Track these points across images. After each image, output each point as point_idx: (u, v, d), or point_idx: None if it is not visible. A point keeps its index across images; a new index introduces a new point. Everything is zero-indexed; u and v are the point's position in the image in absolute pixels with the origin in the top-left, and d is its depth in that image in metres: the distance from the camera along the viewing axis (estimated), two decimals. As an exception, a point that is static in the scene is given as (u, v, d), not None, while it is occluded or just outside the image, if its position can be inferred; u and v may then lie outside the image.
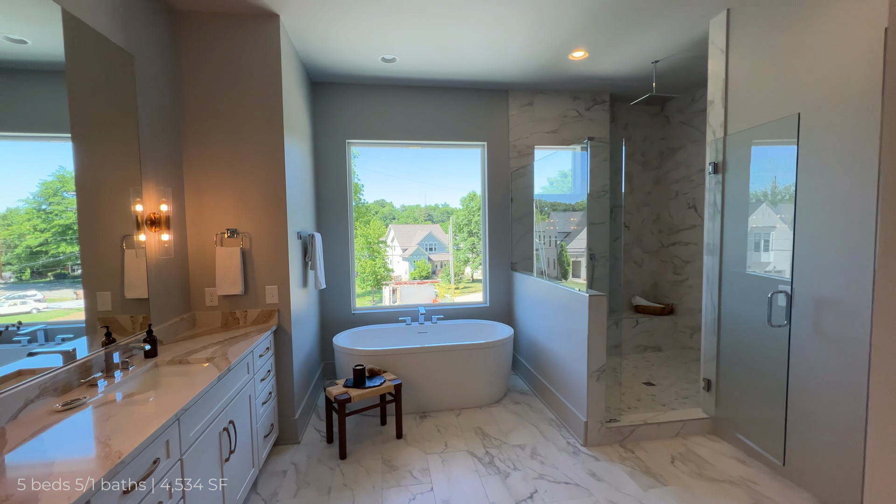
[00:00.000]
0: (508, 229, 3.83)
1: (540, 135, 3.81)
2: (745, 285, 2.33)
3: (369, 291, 4.14)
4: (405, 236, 4.47)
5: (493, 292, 3.84)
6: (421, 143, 3.73)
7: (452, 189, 4.13)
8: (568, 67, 3.27)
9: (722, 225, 2.49)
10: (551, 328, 2.94)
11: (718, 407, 2.53)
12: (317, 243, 2.96)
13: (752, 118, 2.27)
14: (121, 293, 1.84)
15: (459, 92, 3.68)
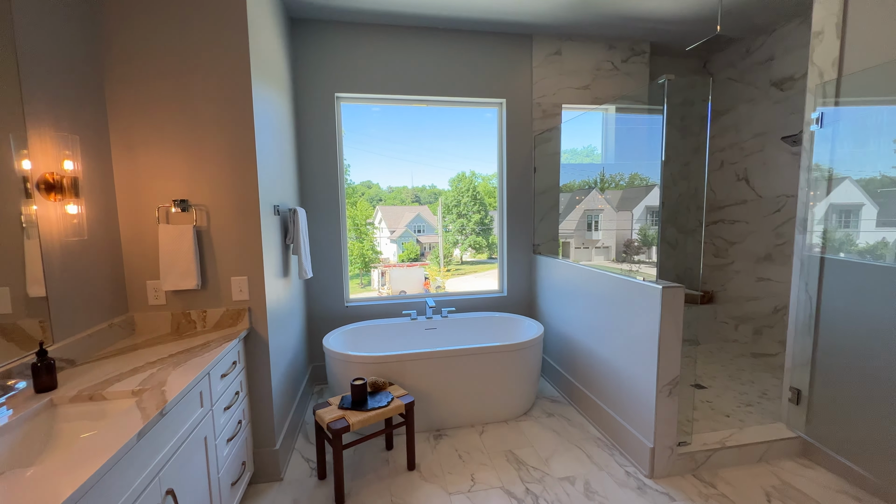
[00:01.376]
0: (531, 205, 3.22)
1: (569, 91, 3.17)
2: (863, 277, 1.79)
3: (357, 274, 3.92)
4: (393, 218, 4.19)
5: (513, 280, 3.26)
6: (425, 100, 3.06)
7: (440, 169, 3.79)
8: (612, 1, 2.62)
9: (828, 196, 1.94)
10: (594, 324, 2.38)
11: (811, 424, 2.02)
12: (300, 221, 2.31)
13: (883, 53, 1.69)
14: (23, 289, 1.23)
15: (473, 37, 3.00)
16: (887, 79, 1.70)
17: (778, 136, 2.98)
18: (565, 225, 3.25)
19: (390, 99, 3.00)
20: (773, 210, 3.06)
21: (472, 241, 4.65)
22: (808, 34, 2.79)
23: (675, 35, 3.12)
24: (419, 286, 4.69)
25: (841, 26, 1.84)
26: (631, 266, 3.44)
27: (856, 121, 1.82)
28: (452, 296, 3.24)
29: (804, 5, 2.72)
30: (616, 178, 3.35)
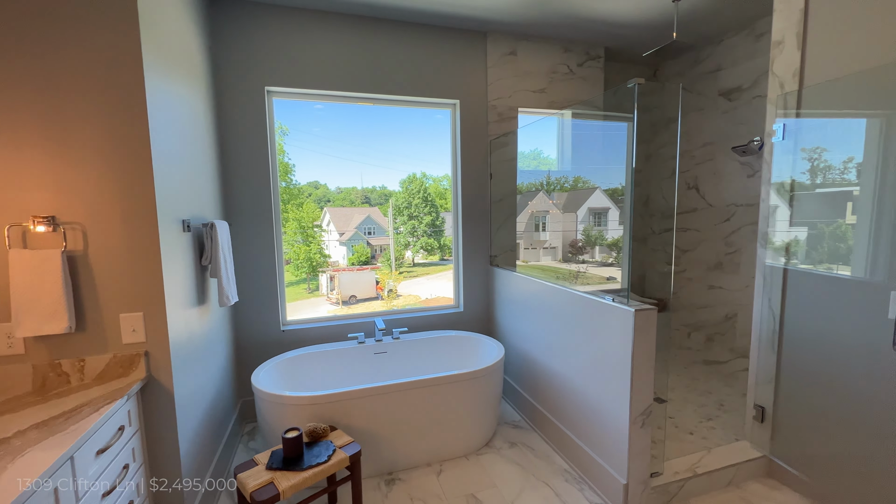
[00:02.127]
0: (487, 213, 3.02)
1: (525, 94, 3.01)
2: (829, 292, 1.75)
3: (304, 279, 3.79)
4: (342, 220, 4.01)
5: (469, 294, 3.04)
6: (372, 98, 2.76)
7: (391, 170, 3.73)
8: (570, 0, 2.48)
9: (791, 209, 1.89)
10: (558, 345, 2.21)
11: (776, 442, 1.98)
12: (220, 236, 1.93)
13: (845, 64, 1.65)
14: None
15: (425, 31, 2.75)
16: (850, 91, 1.66)
17: (727, 146, 3.01)
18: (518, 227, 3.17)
19: (332, 96, 2.67)
20: (723, 219, 3.09)
21: (423, 243, 4.46)
22: (753, 46, 2.83)
23: (630, 40, 3.06)
24: (370, 290, 4.40)
25: (802, 37, 1.80)
26: (578, 266, 3.53)
27: (823, 130, 1.78)
28: (404, 313, 2.95)
29: (751, 17, 2.74)
30: (561, 180, 3.43)
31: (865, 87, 1.61)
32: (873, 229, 1.59)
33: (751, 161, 2.87)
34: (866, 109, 1.63)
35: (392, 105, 2.86)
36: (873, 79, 1.57)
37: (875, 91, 1.58)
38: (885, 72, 1.53)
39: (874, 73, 1.56)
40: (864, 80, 1.60)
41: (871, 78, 1.57)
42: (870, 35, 1.58)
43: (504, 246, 3.05)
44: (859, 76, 1.61)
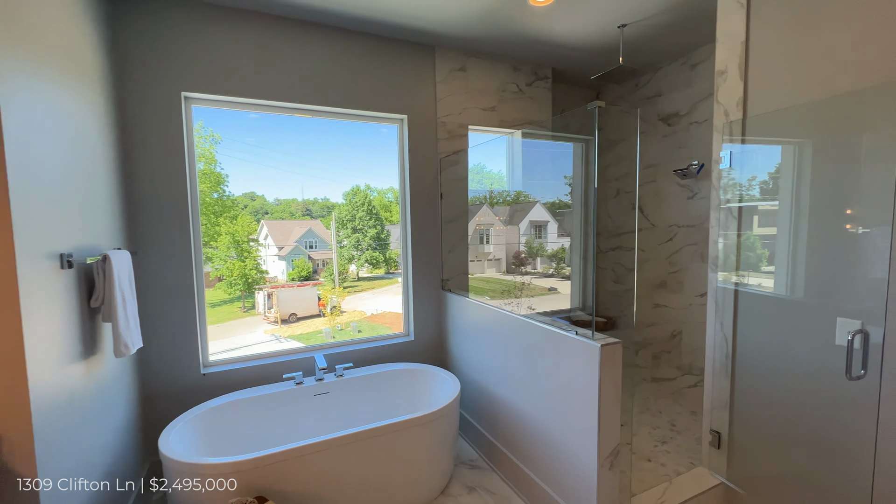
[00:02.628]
0: (438, 235, 2.86)
1: (475, 111, 2.91)
2: (778, 315, 1.78)
3: (238, 297, 3.57)
4: (281, 233, 3.81)
5: (420, 321, 2.84)
6: (312, 110, 2.51)
7: (333, 182, 3.53)
8: (520, 19, 2.42)
9: (739, 234, 1.92)
10: (518, 378, 2.07)
11: (732, 468, 1.97)
12: (116, 271, 1.57)
13: (786, 96, 1.70)
14: None
15: (371, 42, 2.56)
16: (789, 122, 1.71)
17: (667, 169, 3.11)
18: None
19: (266, 106, 2.38)
20: (666, 239, 3.18)
21: (368, 257, 4.24)
22: (689, 74, 2.96)
23: (577, 63, 3.08)
24: (312, 307, 4.15)
25: (744, 68, 1.85)
26: (523, 278, 3.61)
27: (767, 158, 1.82)
28: (349, 345, 2.68)
29: (686, 48, 2.87)
30: (504, 194, 3.54)
31: (798, 119, 1.66)
32: (792, 247, 1.63)
33: (690, 184, 2.98)
34: (797, 139, 1.68)
35: (336, 118, 2.62)
36: (802, 113, 1.62)
37: (807, 123, 1.64)
38: (812, 108, 1.59)
39: (803, 109, 1.62)
40: (797, 115, 1.65)
41: (802, 112, 1.63)
42: (804, 72, 1.63)
43: (456, 269, 2.90)
44: (794, 111, 1.66)
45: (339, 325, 4.40)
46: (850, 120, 1.53)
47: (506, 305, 3.61)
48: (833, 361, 1.59)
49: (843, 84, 1.52)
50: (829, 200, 1.60)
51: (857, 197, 1.52)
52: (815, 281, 1.65)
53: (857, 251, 1.51)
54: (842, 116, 1.55)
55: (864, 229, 1.49)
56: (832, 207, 1.59)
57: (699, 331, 2.96)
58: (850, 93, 1.50)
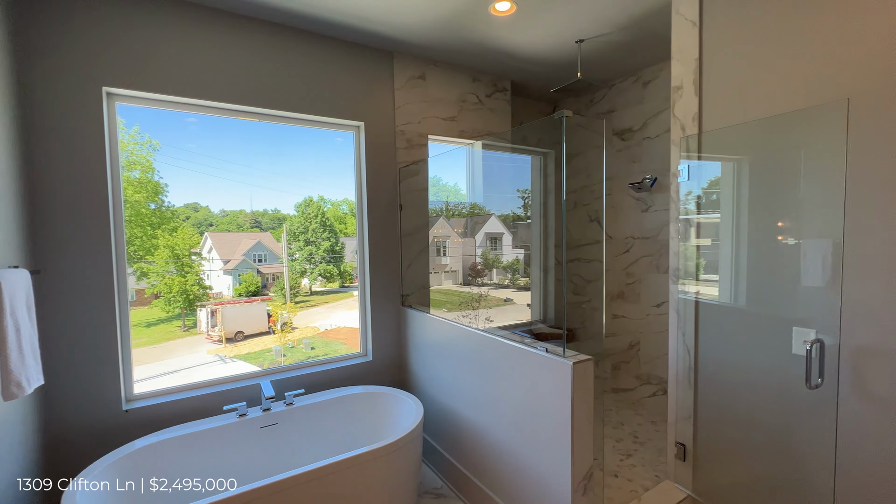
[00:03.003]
0: (397, 248, 2.72)
1: (435, 121, 2.83)
2: (736, 325, 1.81)
3: (178, 315, 3.36)
4: (227, 246, 3.63)
5: (379, 340, 2.66)
6: (258, 113, 2.31)
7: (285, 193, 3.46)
8: (480, 28, 2.38)
9: (698, 245, 1.95)
10: (484, 399, 1.96)
11: (697, 480, 1.96)
12: (8, 296, 1.29)
13: (738, 112, 1.76)
14: None
15: (326, 44, 2.41)
16: (743, 138, 1.76)
17: (622, 182, 3.19)
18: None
19: (204, 106, 2.15)
20: (623, 251, 3.24)
21: (322, 270, 4.06)
22: (641, 92, 3.06)
23: (535, 76, 3.10)
24: (261, 324, 3.93)
25: (698, 83, 1.90)
26: (481, 290, 3.61)
27: (721, 171, 1.87)
28: (300, 369, 2.45)
29: (637, 66, 2.97)
30: (459, 206, 3.58)
31: (748, 135, 1.72)
32: (735, 258, 1.67)
33: (644, 197, 3.06)
34: (744, 154, 1.74)
35: (284, 122, 2.43)
36: (751, 129, 1.68)
37: (755, 139, 1.70)
38: (759, 125, 1.65)
39: (752, 125, 1.68)
40: (746, 130, 1.71)
41: (750, 128, 1.69)
42: (753, 90, 1.69)
43: (417, 283, 2.77)
44: (743, 126, 1.71)
45: (290, 343, 4.15)
46: (793, 137, 1.59)
47: (463, 318, 3.59)
48: (791, 370, 1.62)
49: (791, 102, 1.58)
50: (772, 213, 1.65)
51: (799, 211, 1.57)
52: (771, 291, 1.69)
53: (813, 263, 1.55)
54: (788, 133, 1.61)
55: (803, 241, 1.54)
56: (777, 220, 1.64)
57: (657, 341, 3.02)
58: (795, 111, 1.56)
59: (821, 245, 1.53)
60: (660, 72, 2.90)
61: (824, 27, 1.49)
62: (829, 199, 1.50)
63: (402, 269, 2.73)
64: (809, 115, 1.53)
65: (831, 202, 1.49)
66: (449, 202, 3.58)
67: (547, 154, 3.71)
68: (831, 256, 1.49)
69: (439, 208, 3.45)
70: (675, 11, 1.97)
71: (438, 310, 3.43)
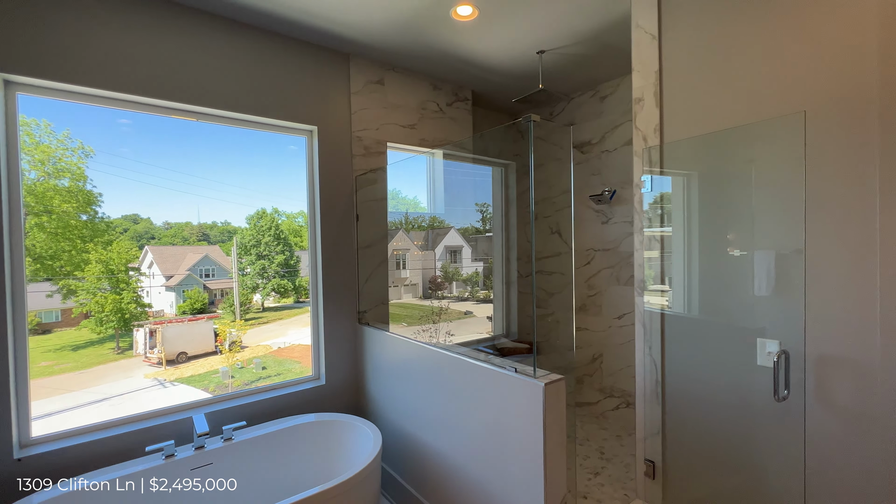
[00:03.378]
0: (353, 262, 2.53)
1: (394, 128, 2.70)
2: (701, 336, 1.79)
3: (111, 336, 3.10)
4: (170, 260, 3.42)
5: (333, 361, 2.45)
6: (202, 113, 2.08)
7: (236, 205, 3.20)
8: (441, 33, 2.30)
9: (662, 256, 1.93)
10: (449, 424, 1.82)
11: (668, 498, 1.91)
12: None
13: (699, 123, 1.77)
14: None
15: (276, 41, 2.23)
16: (702, 149, 1.77)
17: (582, 194, 3.20)
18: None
19: (135, 103, 1.90)
20: (584, 263, 3.24)
21: (275, 285, 3.82)
22: (599, 106, 3.11)
23: (497, 87, 3.07)
24: (206, 343, 3.58)
25: (659, 95, 1.91)
26: (441, 303, 3.56)
27: (685, 183, 1.87)
28: (243, 397, 2.18)
29: (594, 81, 3.02)
30: (419, 219, 3.52)
31: (710, 146, 1.74)
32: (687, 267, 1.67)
33: (604, 209, 3.08)
34: (700, 167, 1.75)
35: (225, 123, 2.20)
36: (712, 140, 1.70)
37: (716, 150, 1.72)
38: (721, 136, 1.67)
39: (709, 138, 1.70)
40: (708, 142, 1.72)
41: (711, 140, 1.70)
42: (711, 103, 1.71)
43: (375, 299, 2.59)
44: (705, 138, 1.73)
45: (239, 363, 3.86)
46: (753, 148, 1.61)
47: (423, 332, 3.46)
48: (757, 382, 1.60)
49: (749, 114, 1.60)
50: (730, 224, 1.66)
51: (759, 222, 1.59)
52: (733, 303, 1.69)
53: (774, 273, 1.56)
54: (748, 144, 1.63)
55: (764, 251, 1.55)
56: (737, 231, 1.65)
57: (619, 353, 3.01)
58: (755, 123, 1.58)
59: (782, 256, 1.53)
60: (617, 86, 2.96)
61: (779, 41, 1.52)
62: (789, 209, 1.51)
63: (359, 284, 2.54)
64: (770, 127, 1.55)
65: (790, 212, 1.51)
66: (409, 214, 3.53)
67: (508, 165, 3.69)
68: (792, 266, 1.50)
69: (399, 221, 3.38)
70: (635, 25, 1.98)
71: (398, 324, 3.29)
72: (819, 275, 1.44)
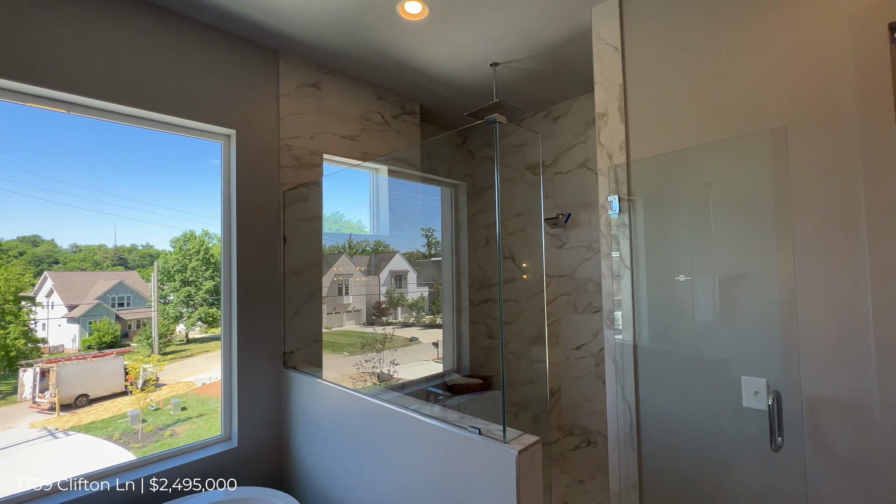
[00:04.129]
0: (279, 292, 2.11)
1: (332, 138, 2.37)
2: (679, 373, 1.60)
3: None
4: (75, 288, 3.03)
5: (249, 417, 1.97)
6: (84, 105, 1.61)
7: (160, 227, 2.84)
8: (386, 35, 2.05)
9: (633, 285, 1.74)
10: (394, 496, 1.44)
11: (647, 563, 1.66)
12: None
13: (669, 139, 1.64)
14: None
15: (189, 25, 1.84)
16: (674, 166, 1.64)
17: (536, 218, 3.04)
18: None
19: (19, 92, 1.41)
20: (539, 290, 3.05)
21: (202, 314, 3.37)
22: (552, 127, 3.00)
23: (447, 102, 2.86)
24: (114, 383, 3.15)
25: (624, 110, 1.77)
26: (385, 329, 3.37)
27: (658, 203, 1.71)
28: (123, 473, 1.64)
29: (547, 101, 2.92)
30: (363, 243, 3.31)
31: (680, 164, 1.61)
32: (716, 309, 1.51)
33: (559, 233, 2.93)
34: (677, 184, 1.62)
35: (115, 120, 1.75)
36: (680, 158, 1.57)
37: (685, 168, 1.59)
38: (687, 154, 1.55)
39: (680, 154, 1.57)
40: (676, 159, 1.60)
41: (679, 157, 1.58)
42: (683, 117, 1.60)
43: (306, 336, 2.17)
44: (672, 155, 1.60)
45: (153, 404, 3.30)
46: (729, 164, 1.50)
47: (366, 362, 3.09)
48: (745, 427, 1.43)
49: (722, 131, 1.49)
50: (708, 248, 1.52)
51: (739, 245, 1.45)
52: (711, 336, 1.53)
53: (757, 303, 1.41)
54: (722, 161, 1.51)
55: (744, 277, 1.41)
56: (716, 255, 1.51)
57: (578, 387, 2.81)
58: (733, 138, 1.47)
59: (762, 281, 1.39)
60: (569, 107, 2.87)
61: (749, 53, 1.43)
62: (766, 231, 1.38)
63: (285, 319, 2.12)
64: (749, 143, 1.43)
65: (770, 234, 1.38)
66: (353, 238, 3.29)
67: (458, 186, 3.47)
68: (775, 294, 1.36)
69: (342, 245, 3.16)
70: (596, 36, 1.86)
71: (339, 354, 2.96)
72: (805, 303, 1.30)
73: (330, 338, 3.04)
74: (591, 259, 2.74)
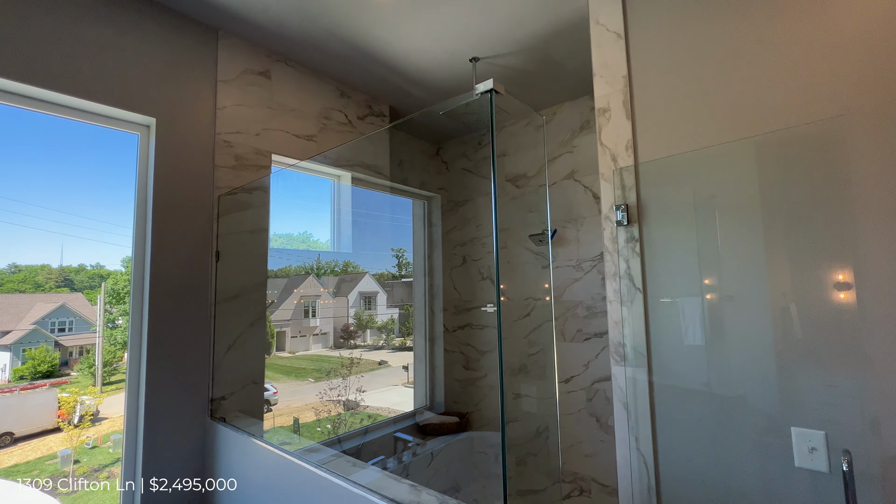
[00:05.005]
0: (207, 322, 1.68)
1: (283, 137, 2.00)
2: (708, 422, 1.29)
3: None
4: (8, 312, 2.89)
5: (155, 485, 1.50)
6: None
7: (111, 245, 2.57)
8: (352, 18, 1.73)
9: (646, 310, 1.44)
10: None
11: None
12: None
13: (686, 137, 1.38)
14: None
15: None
16: (695, 167, 1.37)
17: (519, 234, 2.75)
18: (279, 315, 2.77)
19: None
20: (523, 315, 2.72)
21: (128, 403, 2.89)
22: (534, 136, 2.75)
23: (418, 104, 2.56)
24: (45, 419, 2.95)
25: (629, 105, 1.51)
26: (352, 352, 3.12)
27: (670, 212, 1.43)
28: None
29: (533, 106, 2.68)
30: (332, 264, 3.11)
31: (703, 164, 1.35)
32: (753, 341, 1.22)
33: (544, 251, 2.64)
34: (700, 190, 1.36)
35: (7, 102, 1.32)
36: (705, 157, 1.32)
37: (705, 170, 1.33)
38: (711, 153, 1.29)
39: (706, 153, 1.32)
40: (697, 159, 1.34)
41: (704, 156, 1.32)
42: (699, 112, 1.35)
43: (242, 378, 1.73)
44: (694, 154, 1.34)
45: (89, 441, 2.86)
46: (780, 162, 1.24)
47: (332, 389, 2.68)
48: (799, 494, 1.12)
49: (750, 125, 1.24)
50: (729, 267, 1.24)
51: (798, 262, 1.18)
52: (751, 375, 1.23)
53: (818, 331, 1.13)
54: (759, 161, 1.25)
55: (792, 303, 1.14)
56: (733, 277, 1.23)
57: (568, 425, 2.47)
58: (765, 134, 1.21)
59: (824, 304, 1.12)
60: (554, 115, 2.64)
61: (779, 34, 1.19)
62: (826, 238, 1.12)
63: (214, 357, 1.67)
64: (794, 136, 1.17)
65: (833, 249, 1.11)
66: (321, 258, 3.04)
67: (431, 199, 3.15)
68: (839, 321, 1.09)
69: (310, 265, 2.96)
70: (595, 22, 1.61)
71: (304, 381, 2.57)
72: (873, 331, 1.03)
73: (294, 363, 2.89)
74: (580, 280, 2.46)
